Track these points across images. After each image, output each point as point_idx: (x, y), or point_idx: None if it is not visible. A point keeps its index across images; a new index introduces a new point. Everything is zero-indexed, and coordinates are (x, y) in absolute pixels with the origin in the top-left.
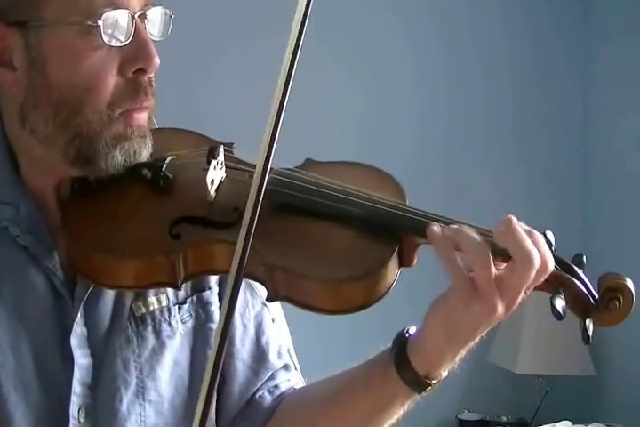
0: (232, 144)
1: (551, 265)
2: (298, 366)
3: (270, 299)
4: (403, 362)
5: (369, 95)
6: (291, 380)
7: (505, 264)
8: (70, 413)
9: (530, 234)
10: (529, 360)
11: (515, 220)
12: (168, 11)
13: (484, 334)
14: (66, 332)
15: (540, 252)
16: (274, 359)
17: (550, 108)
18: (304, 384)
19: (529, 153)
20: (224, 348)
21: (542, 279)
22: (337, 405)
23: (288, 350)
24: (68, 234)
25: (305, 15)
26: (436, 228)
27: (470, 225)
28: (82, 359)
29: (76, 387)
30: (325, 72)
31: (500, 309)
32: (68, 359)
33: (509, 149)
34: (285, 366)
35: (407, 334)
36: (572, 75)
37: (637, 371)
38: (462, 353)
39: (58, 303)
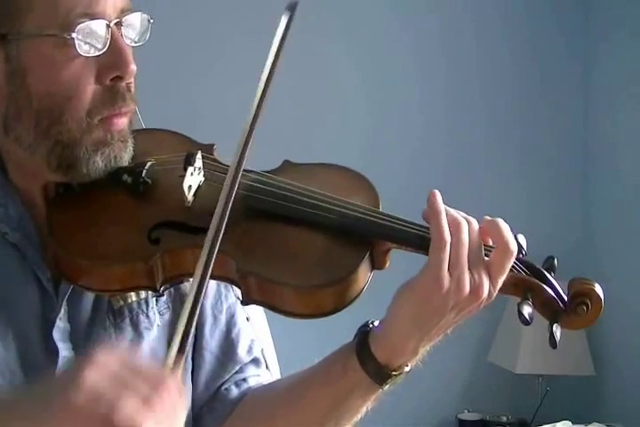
0: (213, 146)
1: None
2: (272, 367)
3: (244, 302)
4: (364, 349)
5: (371, 95)
6: (260, 376)
7: None
8: None
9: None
10: (529, 360)
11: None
12: (146, 15)
13: (448, 330)
14: (49, 326)
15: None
16: (242, 353)
17: (551, 108)
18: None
19: (529, 153)
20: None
21: (505, 261)
22: (298, 395)
23: (262, 349)
24: (52, 239)
25: (288, 24)
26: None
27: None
28: (65, 353)
29: None
30: (328, 72)
31: (467, 288)
32: (52, 352)
33: (510, 148)
34: (255, 361)
35: (371, 324)
36: (573, 74)
37: (637, 371)
38: (425, 345)
39: (43, 298)
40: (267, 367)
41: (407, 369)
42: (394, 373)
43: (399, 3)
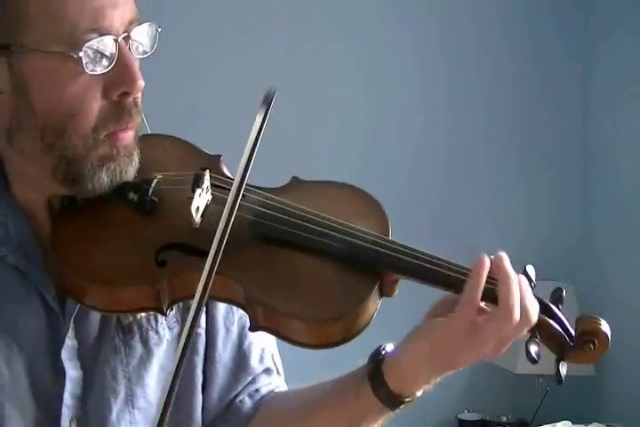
0: (219, 157)
1: (534, 319)
2: (281, 371)
3: (252, 329)
4: (377, 378)
5: (371, 95)
6: (272, 383)
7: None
8: (62, 425)
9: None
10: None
11: (505, 262)
12: (154, 25)
13: (465, 366)
14: (57, 345)
15: (528, 307)
16: (255, 364)
17: (551, 108)
18: (285, 388)
19: (529, 153)
20: (181, 368)
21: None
22: (311, 417)
23: (272, 355)
24: (56, 257)
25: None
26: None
27: (450, 263)
28: (72, 372)
29: (67, 399)
30: (328, 72)
31: (490, 347)
32: (60, 372)
33: (510, 148)
34: (267, 371)
35: (383, 351)
36: (573, 74)
37: (637, 371)
38: (437, 378)
39: (49, 317)
40: (277, 373)
41: (419, 394)
42: (406, 400)
43: (399, 3)
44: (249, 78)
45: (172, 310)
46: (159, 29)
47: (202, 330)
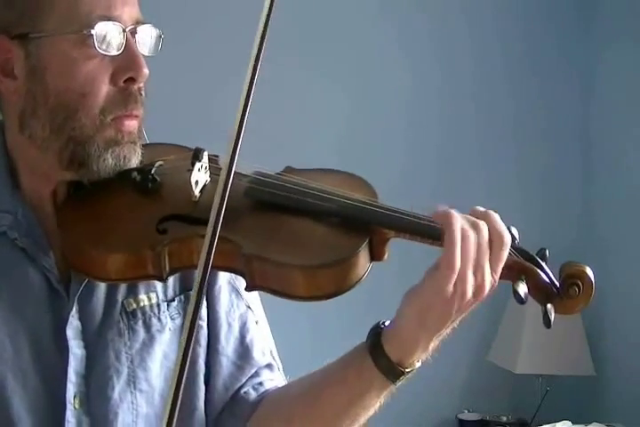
0: (217, 156)
1: (502, 231)
2: (281, 368)
3: (249, 288)
4: (377, 349)
5: (366, 97)
6: (274, 380)
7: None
8: (67, 399)
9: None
10: (529, 360)
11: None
12: (158, 30)
13: (455, 324)
14: (61, 325)
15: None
16: (258, 357)
17: (551, 114)
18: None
19: (528, 158)
20: (190, 348)
21: (502, 252)
22: (314, 396)
23: (271, 351)
24: (62, 231)
25: (269, 12)
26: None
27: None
28: (76, 350)
29: (72, 376)
30: (325, 70)
31: (470, 292)
32: (63, 350)
33: (507, 152)
34: (269, 366)
35: (382, 325)
36: (574, 81)
37: (637, 371)
38: (435, 342)
39: (53, 299)
40: (278, 369)
41: (418, 365)
42: (406, 369)
43: (391, 4)
44: (241, 77)
45: (175, 297)
46: (162, 36)
47: (203, 322)
